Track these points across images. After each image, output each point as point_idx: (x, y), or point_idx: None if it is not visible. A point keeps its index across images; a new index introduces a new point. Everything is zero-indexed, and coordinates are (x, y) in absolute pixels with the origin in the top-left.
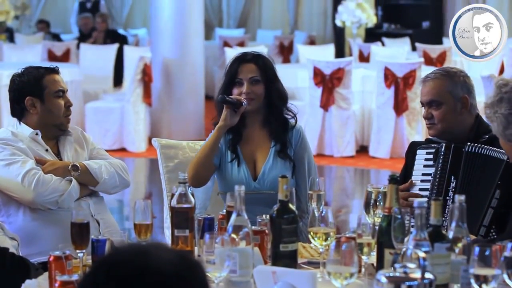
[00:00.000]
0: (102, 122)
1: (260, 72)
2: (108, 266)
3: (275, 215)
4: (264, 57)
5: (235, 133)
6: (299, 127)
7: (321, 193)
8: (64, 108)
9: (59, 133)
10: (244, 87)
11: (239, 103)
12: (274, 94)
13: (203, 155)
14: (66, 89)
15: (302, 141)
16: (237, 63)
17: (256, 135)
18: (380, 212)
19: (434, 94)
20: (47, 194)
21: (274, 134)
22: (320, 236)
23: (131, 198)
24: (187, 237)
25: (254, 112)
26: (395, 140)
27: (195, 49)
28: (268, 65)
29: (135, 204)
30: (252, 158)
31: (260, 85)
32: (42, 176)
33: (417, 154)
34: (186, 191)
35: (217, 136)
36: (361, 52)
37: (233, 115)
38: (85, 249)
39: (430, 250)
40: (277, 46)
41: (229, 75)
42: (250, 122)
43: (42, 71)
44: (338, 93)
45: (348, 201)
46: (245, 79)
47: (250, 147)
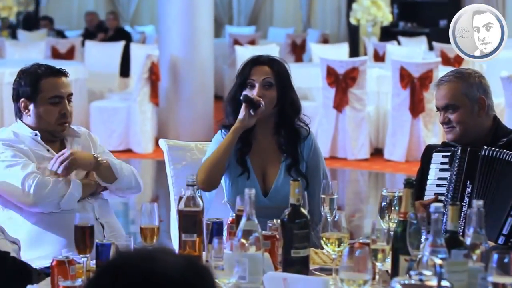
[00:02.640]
0: (108, 122)
1: (274, 76)
2: (112, 271)
3: (287, 220)
4: (280, 62)
5: (244, 143)
6: (310, 136)
7: (334, 197)
8: (58, 115)
9: (56, 138)
10: (256, 90)
11: (257, 104)
12: (287, 102)
13: (217, 158)
14: (67, 94)
15: (314, 151)
16: (251, 64)
17: (266, 146)
18: (395, 217)
19: (450, 98)
20: (47, 197)
21: (284, 147)
22: (333, 242)
23: (137, 201)
24: (195, 241)
25: (264, 119)
26: (411, 143)
27: (204, 47)
28: (283, 71)
29: (142, 207)
30: (262, 170)
31: (272, 89)
32: (41, 179)
33: (433, 157)
34: (194, 194)
35: (232, 138)
36: (376, 51)
37: (251, 116)
38: (89, 253)
39: (447, 257)
40: (289, 45)
41: (241, 77)
42: (260, 130)
43: (41, 73)
44: (352, 94)
45: (362, 205)
46: (258, 81)
47: (259, 158)
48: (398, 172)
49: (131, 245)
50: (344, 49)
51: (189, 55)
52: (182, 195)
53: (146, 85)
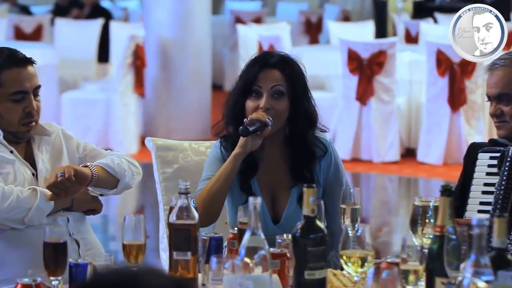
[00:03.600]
0: (83, 117)
1: (286, 83)
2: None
3: (299, 235)
4: (294, 61)
5: (248, 163)
6: (329, 149)
7: (356, 207)
8: (22, 113)
9: (20, 140)
10: (262, 100)
11: (263, 124)
12: (301, 115)
13: (216, 190)
14: (33, 88)
15: (335, 167)
16: (257, 66)
17: (275, 163)
18: (430, 232)
19: (504, 86)
20: (8, 211)
21: (295, 171)
22: (355, 261)
23: (118, 213)
24: (189, 261)
25: (273, 135)
26: (449, 142)
27: (199, 27)
28: (297, 75)
29: (124, 219)
30: (271, 192)
31: (283, 99)
32: (2, 189)
33: (479, 159)
34: (188, 203)
35: (233, 166)
36: (407, 31)
37: (255, 139)
38: (61, 275)
39: (493, 279)
40: (302, 24)
41: (245, 80)
42: (268, 145)
43: (1, 62)
44: (379, 83)
45: (391, 217)
46: (266, 89)
47: (268, 178)
48: (434, 177)
49: (112, 265)
50: (368, 28)
51: (182, 36)
52: (173, 205)
53: (129, 73)
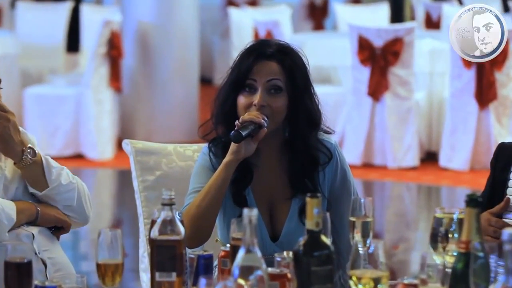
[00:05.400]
0: (49, 115)
1: (285, 76)
2: None
3: (302, 252)
4: (294, 52)
5: (241, 172)
6: (334, 155)
7: (368, 220)
8: None
9: None
10: (257, 96)
11: (257, 126)
12: (301, 114)
13: (207, 205)
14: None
15: (341, 175)
16: (252, 57)
17: (272, 169)
18: (453, 249)
19: None
20: None
21: (295, 181)
22: (366, 283)
23: (91, 228)
24: (174, 283)
25: (269, 138)
26: (477, 144)
27: (185, 10)
28: (298, 67)
29: (99, 235)
30: (268, 205)
31: (281, 96)
32: None
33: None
34: (172, 216)
35: (225, 176)
36: (428, 14)
37: (249, 143)
38: None
39: None
40: (305, 6)
41: (237, 73)
42: (264, 153)
43: None
44: (395, 75)
45: (409, 232)
46: (261, 83)
47: (265, 188)
48: (458, 186)
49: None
50: (382, 12)
51: (165, 21)
52: (155, 219)
53: (103, 64)
